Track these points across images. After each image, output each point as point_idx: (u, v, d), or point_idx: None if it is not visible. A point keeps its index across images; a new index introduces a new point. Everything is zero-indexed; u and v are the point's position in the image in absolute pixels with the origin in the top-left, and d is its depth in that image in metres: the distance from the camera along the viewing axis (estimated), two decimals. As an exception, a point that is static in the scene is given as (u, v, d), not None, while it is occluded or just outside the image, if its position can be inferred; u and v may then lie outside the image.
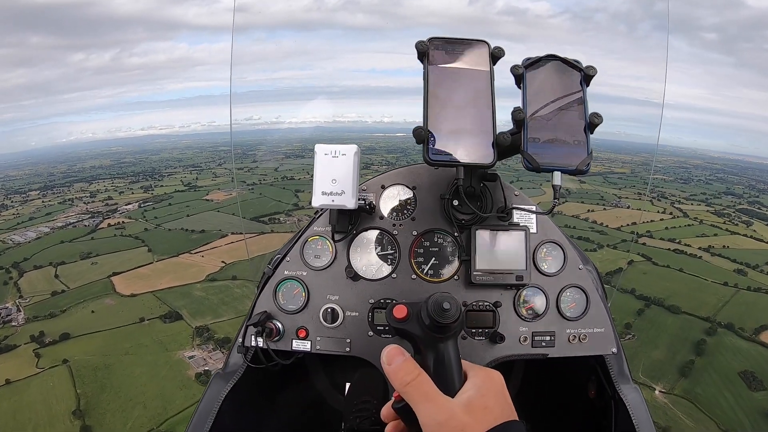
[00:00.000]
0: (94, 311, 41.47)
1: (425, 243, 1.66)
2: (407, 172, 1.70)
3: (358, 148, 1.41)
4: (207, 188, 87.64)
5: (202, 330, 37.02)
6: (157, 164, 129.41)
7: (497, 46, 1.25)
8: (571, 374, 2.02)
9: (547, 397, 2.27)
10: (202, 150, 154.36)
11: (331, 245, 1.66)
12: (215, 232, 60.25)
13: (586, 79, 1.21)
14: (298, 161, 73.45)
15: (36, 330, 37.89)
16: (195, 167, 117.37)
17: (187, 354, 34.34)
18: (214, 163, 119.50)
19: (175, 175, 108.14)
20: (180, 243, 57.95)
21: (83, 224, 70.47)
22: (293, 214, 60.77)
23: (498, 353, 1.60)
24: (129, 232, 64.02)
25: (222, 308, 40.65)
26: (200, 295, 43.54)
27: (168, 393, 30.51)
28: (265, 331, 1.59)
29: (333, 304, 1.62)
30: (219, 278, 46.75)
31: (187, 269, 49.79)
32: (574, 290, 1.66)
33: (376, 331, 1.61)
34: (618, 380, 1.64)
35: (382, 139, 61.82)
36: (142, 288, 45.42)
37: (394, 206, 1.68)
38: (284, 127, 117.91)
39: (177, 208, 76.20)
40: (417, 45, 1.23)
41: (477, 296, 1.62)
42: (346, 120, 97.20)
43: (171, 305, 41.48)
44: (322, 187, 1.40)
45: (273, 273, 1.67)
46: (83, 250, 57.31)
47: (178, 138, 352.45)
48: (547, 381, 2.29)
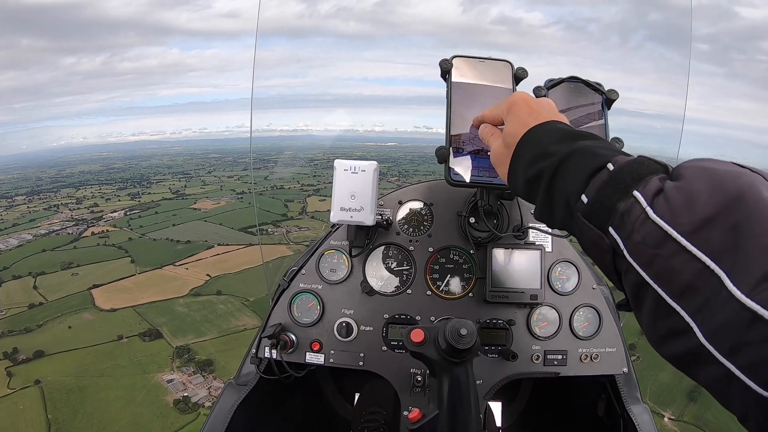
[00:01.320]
0: (71, 326, 39.68)
1: (441, 260, 1.66)
2: (425, 188, 1.70)
3: (377, 164, 1.45)
4: (195, 197, 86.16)
5: (182, 350, 35.29)
6: (146, 170, 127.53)
7: (521, 67, 1.22)
8: (581, 392, 2.02)
9: (555, 415, 2.24)
10: (193, 157, 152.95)
11: (347, 259, 1.66)
12: (201, 243, 58.80)
13: (607, 103, 1.19)
14: (288, 170, 72.85)
15: (10, 346, 36.16)
16: (184, 174, 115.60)
17: (166, 377, 32.61)
18: (204, 170, 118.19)
19: (164, 182, 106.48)
20: (164, 254, 56.19)
21: (67, 232, 68.68)
22: (282, 225, 60.00)
23: (510, 371, 1.60)
24: (113, 241, 62.23)
25: (205, 326, 38.99)
26: (182, 312, 41.79)
27: (144, 421, 28.80)
28: (279, 343, 1.58)
29: (347, 318, 1.62)
30: (203, 293, 45.15)
31: (170, 282, 48.13)
32: (587, 309, 1.66)
33: (390, 346, 1.61)
34: (628, 400, 1.64)
35: (374, 149, 61.09)
36: (122, 302, 43.68)
37: (411, 222, 1.68)
38: (276, 134, 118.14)
39: (163, 216, 74.39)
40: (441, 63, 1.20)
41: (491, 314, 1.62)
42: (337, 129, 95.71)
43: (151, 322, 39.74)
44: (341, 203, 1.43)
45: (288, 285, 1.66)
46: (65, 259, 55.56)
47: (169, 144, 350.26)
48: (555, 398, 2.25)
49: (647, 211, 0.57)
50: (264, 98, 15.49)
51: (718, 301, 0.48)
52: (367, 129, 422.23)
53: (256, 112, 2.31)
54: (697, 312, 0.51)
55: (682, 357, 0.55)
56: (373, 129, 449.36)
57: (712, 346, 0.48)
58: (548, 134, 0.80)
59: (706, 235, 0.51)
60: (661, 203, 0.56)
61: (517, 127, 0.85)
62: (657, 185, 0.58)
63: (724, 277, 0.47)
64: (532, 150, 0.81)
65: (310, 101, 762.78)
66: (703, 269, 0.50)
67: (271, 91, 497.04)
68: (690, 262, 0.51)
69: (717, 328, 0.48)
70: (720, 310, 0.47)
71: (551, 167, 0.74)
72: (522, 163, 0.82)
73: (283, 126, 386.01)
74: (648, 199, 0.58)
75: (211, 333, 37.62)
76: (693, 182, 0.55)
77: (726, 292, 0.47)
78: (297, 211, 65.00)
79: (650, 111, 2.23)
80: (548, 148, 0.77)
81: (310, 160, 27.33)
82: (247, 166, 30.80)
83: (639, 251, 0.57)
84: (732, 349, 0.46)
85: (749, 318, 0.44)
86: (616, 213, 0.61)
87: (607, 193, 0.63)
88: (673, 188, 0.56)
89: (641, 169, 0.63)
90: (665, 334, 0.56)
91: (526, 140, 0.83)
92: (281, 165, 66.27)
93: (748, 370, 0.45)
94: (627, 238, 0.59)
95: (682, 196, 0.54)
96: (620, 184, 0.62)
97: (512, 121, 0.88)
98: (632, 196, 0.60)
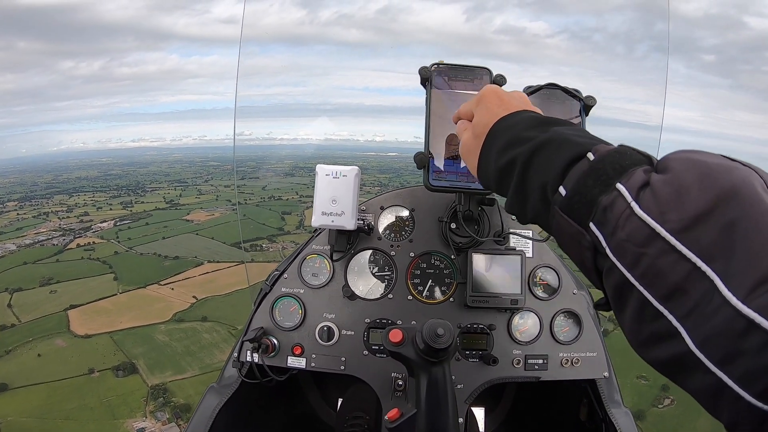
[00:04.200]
0: (41, 354, 35.61)
1: (422, 265, 1.68)
2: (406, 193, 1.72)
3: (359, 169, 1.46)
4: (189, 207, 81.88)
5: (158, 390, 31.04)
6: (143, 178, 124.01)
7: (499, 74, 1.23)
8: (563, 397, 2.02)
9: (538, 420, 2.24)
10: (192, 164, 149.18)
11: (329, 264, 1.68)
12: (190, 260, 54.63)
13: (585, 109, 1.21)
14: (287, 179, 69.54)
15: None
16: (181, 183, 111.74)
17: (137, 425, 28.30)
18: (201, 179, 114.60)
19: (159, 190, 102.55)
20: (150, 271, 52.06)
21: (52, 243, 64.69)
22: (277, 240, 56.15)
23: (491, 375, 1.62)
24: (98, 254, 58.15)
25: (185, 360, 34.75)
26: (163, 341, 37.49)
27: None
28: (261, 347, 1.58)
29: (329, 322, 1.63)
30: (187, 318, 40.83)
31: (153, 304, 43.86)
32: (567, 315, 1.68)
33: (371, 350, 1.63)
34: (609, 404, 1.66)
35: (374, 159, 57.70)
36: (99, 326, 39.52)
37: (393, 228, 1.71)
38: (276, 143, 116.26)
39: (154, 228, 70.22)
40: (420, 71, 1.23)
41: (472, 318, 1.64)
42: (338, 138, 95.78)
43: (128, 353, 35.50)
44: (323, 207, 1.44)
45: (270, 289, 1.68)
46: (45, 274, 51.52)
47: (168, 151, 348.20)
48: (538, 403, 2.25)
49: (632, 206, 0.52)
50: (264, 106, 14.24)
51: (710, 305, 0.44)
52: (368, 139, 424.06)
53: (257, 120, 2.22)
54: (686, 317, 0.47)
55: (667, 363, 0.51)
56: (374, 139, 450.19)
57: (703, 353, 0.45)
58: (521, 121, 0.75)
59: (697, 234, 0.47)
60: (647, 198, 0.52)
61: (488, 117, 0.81)
62: (642, 178, 0.54)
63: (716, 280, 0.44)
64: (503, 137, 0.76)
65: (311, 110, 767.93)
66: (693, 271, 0.46)
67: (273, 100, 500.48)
68: (679, 262, 0.47)
69: (708, 336, 0.44)
70: (712, 316, 0.44)
71: (525, 153, 0.69)
72: (492, 152, 0.77)
73: (284, 135, 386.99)
74: (633, 192, 0.53)
75: (191, 369, 33.33)
76: (682, 175, 0.51)
77: (719, 297, 0.43)
78: (294, 225, 61.40)
79: (652, 123, 2.07)
80: (521, 134, 0.72)
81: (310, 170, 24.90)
82: (245, 175, 27.42)
83: (623, 249, 0.53)
84: (724, 358, 0.43)
85: (744, 325, 0.40)
86: (598, 207, 0.56)
87: (587, 184, 0.58)
88: (660, 181, 0.52)
89: (624, 159, 0.58)
90: (650, 338, 0.52)
91: (496, 129, 0.79)
92: (281, 174, 63.42)
93: (741, 380, 0.42)
94: (610, 234, 0.54)
95: (670, 190, 0.50)
96: (602, 176, 0.57)
97: (482, 111, 0.84)
98: (615, 189, 0.55)
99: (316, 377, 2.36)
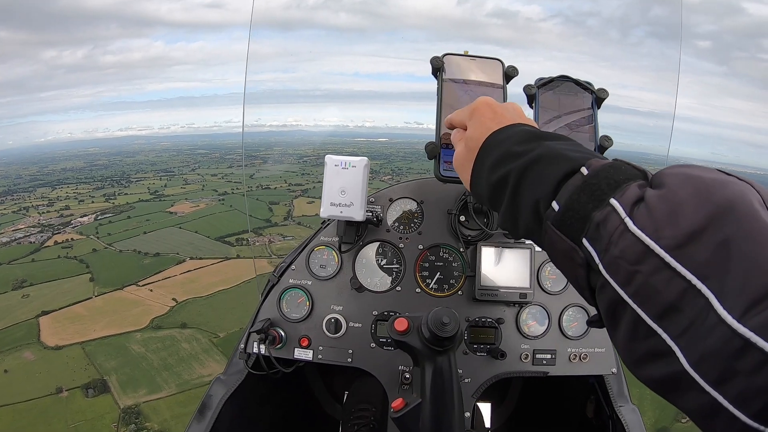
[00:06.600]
0: (7, 371, 32.34)
1: (431, 257, 1.67)
2: (415, 185, 1.72)
3: (368, 160, 1.44)
4: (173, 198, 77.96)
5: (130, 413, 27.75)
6: (129, 168, 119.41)
7: (511, 65, 1.23)
8: (570, 393, 2.02)
9: (544, 415, 2.23)
10: (180, 153, 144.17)
11: (337, 256, 1.67)
12: (171, 257, 51.16)
13: (597, 101, 1.20)
14: (276, 167, 65.68)
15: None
16: (167, 172, 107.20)
17: (105, 457, 25.16)
18: (188, 168, 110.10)
19: (144, 180, 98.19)
20: (128, 270, 48.59)
21: (29, 240, 60.90)
22: (264, 233, 52.61)
23: (499, 369, 1.62)
24: (76, 252, 54.57)
25: (162, 375, 31.43)
26: (138, 352, 34.19)
27: None
28: (268, 339, 1.58)
29: (336, 314, 1.62)
30: (165, 324, 37.43)
31: (130, 309, 40.45)
32: (576, 309, 1.66)
33: (379, 342, 1.62)
34: (617, 400, 1.65)
35: (365, 144, 54.25)
36: (71, 336, 36.21)
37: (401, 220, 1.70)
38: (265, 130, 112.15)
39: (136, 222, 66.35)
40: (432, 60, 1.22)
41: (480, 312, 1.63)
42: (328, 124, 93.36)
43: (99, 367, 32.20)
44: (331, 198, 1.43)
45: (278, 281, 1.67)
46: (19, 276, 48.03)
47: (156, 140, 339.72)
48: (544, 400, 2.25)
49: (626, 221, 0.51)
50: (253, 93, 11.95)
51: (705, 324, 0.43)
52: (358, 125, 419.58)
53: (246, 106, 2.21)
54: (680, 336, 0.46)
55: (661, 382, 0.50)
56: (364, 125, 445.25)
57: (697, 373, 0.44)
58: (513, 135, 0.75)
59: (692, 251, 0.45)
60: (641, 214, 0.50)
61: (480, 131, 0.81)
62: (636, 193, 0.53)
63: (712, 299, 0.43)
64: (495, 152, 0.75)
65: (300, 96, 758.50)
66: (688, 289, 0.45)
67: (261, 86, 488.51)
68: (674, 280, 0.46)
69: (703, 355, 0.43)
70: (707, 335, 0.43)
71: (518, 169, 0.68)
72: (485, 168, 0.77)
73: (273, 121, 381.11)
74: (627, 208, 0.52)
75: (167, 387, 30.01)
76: (677, 191, 0.49)
77: (714, 315, 0.42)
78: (282, 216, 57.84)
79: (643, 108, 1.96)
80: (513, 149, 0.71)
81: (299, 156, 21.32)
82: (233, 163, 23.76)
83: (616, 266, 0.51)
84: (720, 378, 0.42)
85: (740, 345, 0.39)
86: (591, 223, 0.55)
87: (581, 200, 0.57)
88: (655, 197, 0.50)
89: (618, 174, 0.56)
90: (643, 356, 0.51)
91: (488, 144, 0.78)
92: (270, 162, 59.41)
93: (736, 401, 0.40)
94: (603, 251, 0.53)
95: (665, 206, 0.49)
96: (596, 191, 0.56)
97: (474, 125, 0.84)
98: (609, 204, 0.54)
99: (322, 369, 2.38)
